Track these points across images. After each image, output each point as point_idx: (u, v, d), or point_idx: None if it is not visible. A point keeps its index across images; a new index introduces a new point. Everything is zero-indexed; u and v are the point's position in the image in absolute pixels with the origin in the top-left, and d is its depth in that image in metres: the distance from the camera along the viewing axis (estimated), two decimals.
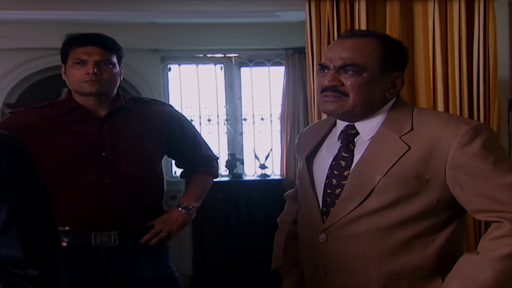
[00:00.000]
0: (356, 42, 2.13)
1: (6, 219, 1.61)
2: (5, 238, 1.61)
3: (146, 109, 3.10)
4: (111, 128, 2.95)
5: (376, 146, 2.12)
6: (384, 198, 2.06)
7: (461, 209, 2.11)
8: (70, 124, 2.94)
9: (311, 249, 2.23)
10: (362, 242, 2.10)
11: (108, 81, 2.93)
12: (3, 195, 1.62)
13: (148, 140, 2.99)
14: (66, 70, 2.99)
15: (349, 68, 2.09)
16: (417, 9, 3.55)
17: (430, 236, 2.08)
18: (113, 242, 2.93)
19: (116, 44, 3.02)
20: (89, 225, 2.91)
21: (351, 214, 2.10)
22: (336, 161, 2.18)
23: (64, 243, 2.88)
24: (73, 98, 2.97)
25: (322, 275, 2.18)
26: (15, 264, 1.61)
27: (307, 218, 2.27)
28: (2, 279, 1.59)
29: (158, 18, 6.46)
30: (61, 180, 2.89)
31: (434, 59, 3.57)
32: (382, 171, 2.06)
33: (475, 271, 1.96)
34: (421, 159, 2.03)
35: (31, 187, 1.70)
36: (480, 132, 2.01)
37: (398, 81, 2.16)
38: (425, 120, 2.10)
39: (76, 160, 2.90)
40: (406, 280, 2.08)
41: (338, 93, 2.10)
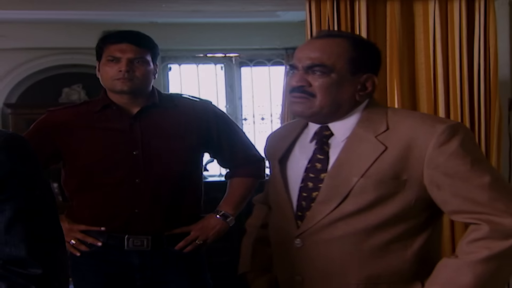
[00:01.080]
0: (326, 43, 2.08)
1: (10, 218, 1.62)
2: (8, 237, 1.62)
3: (182, 106, 3.02)
4: (143, 126, 2.90)
5: (352, 146, 2.06)
6: (362, 200, 2.00)
7: (438, 212, 2.07)
8: (103, 121, 2.91)
9: (286, 255, 2.15)
10: (340, 246, 2.03)
11: (141, 79, 2.88)
12: (7, 195, 1.63)
13: (182, 139, 2.91)
14: (100, 67, 2.95)
15: (317, 68, 2.04)
16: (417, 8, 3.54)
17: (408, 239, 2.02)
18: (145, 247, 2.87)
19: (151, 42, 2.98)
20: (121, 225, 2.87)
21: (328, 218, 2.03)
22: (312, 164, 2.12)
23: (99, 242, 2.87)
24: (107, 96, 2.94)
25: (299, 281, 2.11)
26: (18, 263, 1.62)
27: (281, 223, 2.19)
28: (6, 278, 1.61)
29: (159, 18, 6.45)
30: (94, 178, 2.88)
31: (434, 58, 3.57)
32: (359, 172, 2.00)
33: (455, 275, 1.92)
34: (398, 159, 1.98)
35: (35, 186, 1.70)
36: (457, 131, 1.97)
37: (369, 84, 2.09)
38: (401, 120, 2.05)
39: (107, 158, 2.87)
40: (385, 284, 2.02)
41: (305, 93, 2.05)
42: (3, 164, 1.63)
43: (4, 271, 1.62)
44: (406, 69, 3.52)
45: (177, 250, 2.93)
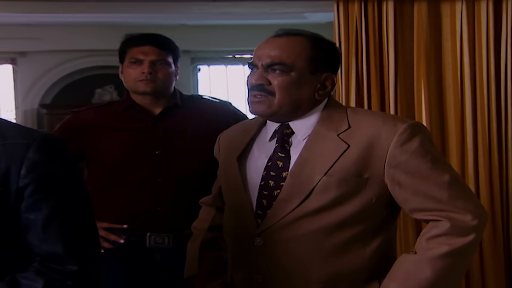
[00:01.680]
0: (286, 41, 2.01)
1: (47, 216, 1.63)
2: (46, 235, 1.63)
3: (203, 107, 3.04)
4: (165, 126, 2.91)
5: (314, 145, 2.00)
6: (324, 198, 1.94)
7: (396, 211, 2.04)
8: (126, 121, 2.93)
9: (245, 254, 2.08)
10: (302, 245, 1.97)
11: (163, 81, 2.90)
12: (44, 193, 1.63)
13: (203, 139, 2.85)
14: (123, 69, 2.97)
15: (277, 67, 1.98)
16: (444, 9, 3.50)
17: (368, 238, 1.98)
18: (167, 244, 2.89)
19: (172, 44, 2.99)
20: (144, 223, 2.88)
21: (289, 216, 1.97)
22: (272, 162, 2.05)
23: (121, 240, 2.88)
24: (130, 97, 2.96)
25: (259, 281, 2.04)
26: (55, 259, 1.64)
27: (239, 222, 2.11)
28: (43, 274, 1.62)
29: (189, 20, 6.48)
30: (118, 177, 2.89)
31: (461, 59, 3.52)
32: (322, 170, 1.95)
33: (415, 270, 1.90)
34: (361, 157, 1.93)
35: (71, 185, 1.71)
36: (418, 130, 1.94)
37: (329, 82, 2.04)
38: (362, 118, 2.00)
39: (130, 157, 2.88)
40: (345, 282, 1.98)
41: (264, 92, 1.99)
42: (40, 164, 1.64)
43: (42, 267, 1.64)
44: (433, 69, 3.48)
45: None
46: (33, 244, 1.65)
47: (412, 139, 1.92)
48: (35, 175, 1.63)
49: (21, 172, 1.62)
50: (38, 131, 1.75)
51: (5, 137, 1.66)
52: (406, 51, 3.43)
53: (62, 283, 1.63)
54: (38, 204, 1.63)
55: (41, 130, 1.80)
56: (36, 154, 1.64)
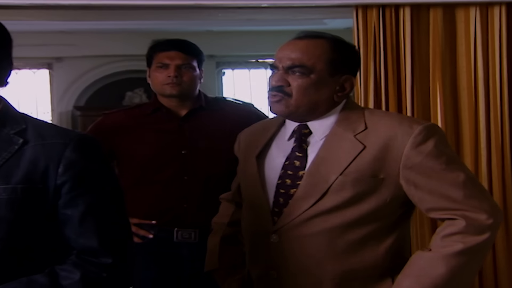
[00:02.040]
0: (306, 44, 1.98)
1: (83, 212, 1.65)
2: (82, 229, 1.65)
3: (227, 109, 3.05)
4: (191, 127, 2.93)
5: (331, 145, 1.97)
6: (340, 197, 1.92)
7: (409, 211, 2.02)
8: (154, 123, 2.94)
9: (261, 251, 2.05)
10: (316, 242, 1.94)
11: (188, 84, 2.92)
12: (80, 190, 1.65)
13: (227, 139, 2.81)
14: (150, 73, 2.99)
15: (297, 69, 1.95)
16: (459, 15, 3.47)
17: (382, 236, 1.96)
18: (193, 239, 2.89)
19: (197, 49, 3.01)
20: (171, 219, 2.89)
21: (305, 214, 1.94)
22: (290, 161, 2.02)
23: (150, 235, 2.89)
24: (157, 100, 2.98)
25: (274, 277, 2.01)
26: (91, 252, 1.65)
27: (256, 219, 2.08)
28: (80, 266, 1.64)
29: (214, 27, 6.49)
30: (146, 175, 2.90)
31: (475, 62, 3.49)
32: (338, 170, 1.92)
33: (429, 267, 1.86)
34: (376, 158, 1.91)
35: (106, 183, 1.72)
36: (433, 132, 1.92)
37: (347, 84, 2.01)
38: (379, 119, 1.98)
39: (158, 157, 2.89)
40: (359, 280, 1.95)
41: (281, 93, 1.97)
42: (77, 163, 1.65)
43: (79, 260, 1.65)
44: (448, 72, 3.45)
45: None
46: (70, 238, 1.66)
47: (427, 140, 1.89)
48: (72, 173, 1.64)
49: (59, 170, 1.64)
50: (75, 132, 1.77)
51: (44, 137, 1.68)
52: (422, 55, 3.41)
53: (98, 275, 1.64)
54: (75, 200, 1.65)
55: (77, 131, 1.81)
56: (73, 153, 1.65)
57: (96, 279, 1.64)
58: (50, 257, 1.67)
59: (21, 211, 1.62)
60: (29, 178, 1.63)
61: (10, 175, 1.63)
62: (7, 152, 1.65)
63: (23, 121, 1.72)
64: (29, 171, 1.63)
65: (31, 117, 1.78)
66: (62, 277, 1.62)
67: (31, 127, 1.70)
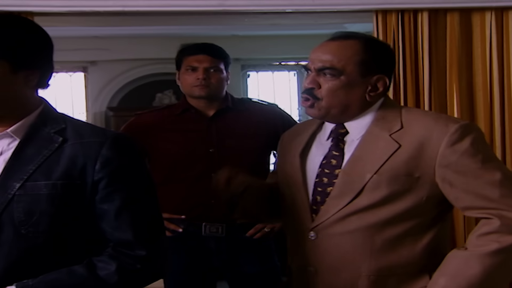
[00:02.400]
0: (338, 45, 1.90)
1: (119, 207, 1.66)
2: (117, 223, 1.66)
3: (252, 109, 3.04)
4: (218, 126, 2.92)
5: (366, 144, 1.90)
6: (375, 195, 1.85)
7: (447, 209, 1.93)
8: (183, 123, 2.95)
9: (300, 247, 1.99)
10: (353, 240, 1.88)
11: (216, 85, 2.92)
12: (116, 186, 1.66)
13: (252, 138, 2.91)
14: (180, 75, 2.99)
15: (327, 71, 1.88)
16: (475, 19, 3.44)
17: (418, 234, 1.88)
18: (220, 233, 2.89)
19: (223, 53, 3.00)
20: (199, 214, 2.89)
21: (341, 212, 1.88)
22: (327, 160, 1.95)
23: (180, 229, 2.89)
24: (187, 101, 2.98)
25: (312, 272, 1.94)
26: (126, 245, 1.66)
27: (296, 216, 2.01)
28: (116, 258, 1.65)
29: (240, 31, 6.49)
30: (176, 173, 2.90)
31: (491, 64, 3.46)
32: (373, 169, 1.85)
33: (464, 266, 1.79)
34: (412, 157, 1.83)
35: (140, 179, 1.73)
36: (469, 131, 1.83)
37: (380, 84, 1.92)
38: (415, 118, 1.90)
39: (187, 155, 2.89)
40: (395, 276, 1.88)
41: (311, 97, 1.91)
42: (113, 160, 1.66)
43: (115, 252, 1.66)
44: (464, 74, 3.42)
45: (248, 237, 2.93)
46: (106, 231, 1.67)
47: (463, 139, 1.81)
48: (108, 170, 1.65)
49: (96, 167, 1.65)
50: (110, 131, 1.78)
51: (82, 136, 1.69)
52: (439, 57, 3.38)
53: (133, 266, 1.65)
54: (111, 195, 1.65)
55: (112, 130, 1.83)
56: (109, 151, 1.66)
57: (131, 270, 1.65)
58: (87, 249, 1.68)
59: (61, 205, 1.63)
60: (68, 175, 1.64)
61: (50, 172, 1.64)
62: (47, 150, 1.66)
63: (63, 121, 1.73)
64: (68, 168, 1.65)
65: (70, 117, 1.79)
66: (99, 268, 1.63)
67: (70, 126, 1.72)
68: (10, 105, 1.68)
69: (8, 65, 1.64)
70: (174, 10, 3.30)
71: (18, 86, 1.68)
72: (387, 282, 1.89)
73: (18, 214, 1.61)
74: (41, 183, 1.63)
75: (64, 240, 1.65)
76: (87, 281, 1.62)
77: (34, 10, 3.06)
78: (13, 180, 1.63)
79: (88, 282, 1.62)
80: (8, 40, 1.64)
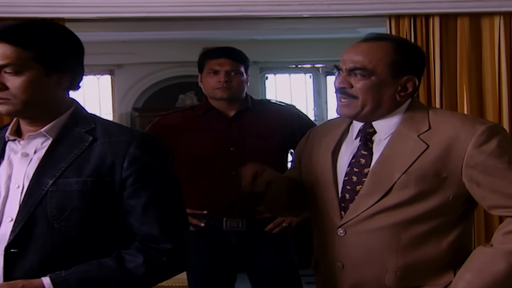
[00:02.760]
0: (369, 46, 1.88)
1: (145, 203, 1.66)
2: (144, 218, 1.67)
3: (271, 110, 3.04)
4: (239, 126, 2.92)
5: (395, 144, 1.88)
6: (403, 194, 1.82)
7: (472, 207, 1.91)
8: (205, 123, 2.95)
9: (328, 243, 1.96)
10: (380, 237, 1.85)
11: (237, 88, 2.92)
12: (143, 183, 1.67)
13: (271, 137, 2.91)
14: (202, 78, 2.99)
15: (358, 71, 1.86)
16: (484, 23, 3.41)
17: (444, 231, 1.85)
18: (241, 228, 2.89)
19: (244, 56, 3.00)
20: (221, 210, 2.89)
21: (370, 210, 1.86)
22: (356, 159, 1.93)
23: (202, 223, 2.89)
24: (209, 102, 2.98)
25: (340, 268, 1.92)
26: (152, 239, 1.67)
27: (325, 213, 1.98)
28: (143, 251, 1.66)
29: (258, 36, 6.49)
30: (199, 170, 2.90)
31: (499, 66, 3.43)
32: (402, 168, 1.83)
33: (490, 262, 1.77)
34: (440, 157, 1.80)
35: (166, 176, 1.74)
36: (496, 132, 1.80)
37: (410, 85, 1.90)
38: (442, 119, 1.87)
39: (209, 153, 2.89)
40: (421, 272, 1.87)
41: (347, 95, 1.89)
42: (140, 158, 1.67)
43: (142, 246, 1.67)
44: (474, 76, 3.39)
45: (267, 231, 2.92)
46: (134, 226, 1.68)
47: (490, 140, 1.79)
48: (136, 168, 1.66)
49: (124, 165, 1.66)
50: (138, 130, 1.80)
51: (111, 135, 1.70)
52: (450, 60, 3.36)
53: (159, 259, 1.66)
54: (138, 192, 1.66)
55: (140, 130, 1.84)
56: (136, 150, 1.67)
57: (157, 263, 1.66)
58: (116, 242, 1.69)
59: (91, 201, 1.64)
60: (98, 172, 1.65)
61: (81, 169, 1.65)
62: (78, 148, 1.68)
63: (93, 121, 1.75)
64: (98, 165, 1.66)
65: (99, 117, 1.80)
66: (127, 261, 1.64)
67: (100, 126, 1.73)
68: (44, 106, 1.69)
69: (42, 69, 1.65)
70: (196, 16, 3.30)
71: (51, 88, 1.70)
72: (413, 277, 1.87)
73: (51, 209, 1.63)
74: (72, 180, 1.65)
75: (94, 233, 1.66)
76: (116, 272, 1.63)
77: (65, 17, 3.08)
78: (46, 177, 1.65)
79: (116, 274, 1.63)
80: (43, 45, 1.65)
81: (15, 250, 1.62)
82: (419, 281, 1.88)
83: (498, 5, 3.33)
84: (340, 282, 1.94)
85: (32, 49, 1.63)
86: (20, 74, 1.63)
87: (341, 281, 1.94)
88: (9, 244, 1.63)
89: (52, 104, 1.71)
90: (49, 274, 1.60)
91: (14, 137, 1.74)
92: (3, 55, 1.61)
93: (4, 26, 1.64)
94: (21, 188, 1.66)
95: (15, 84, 1.63)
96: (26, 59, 1.62)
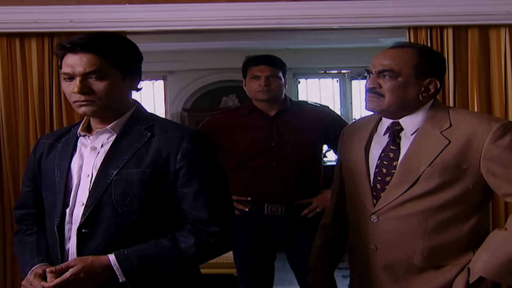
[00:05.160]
0: (396, 52, 1.90)
1: (196, 190, 1.67)
2: (195, 204, 1.68)
3: (306, 110, 3.04)
4: (278, 124, 2.93)
5: (421, 140, 1.88)
6: (428, 185, 1.83)
7: (489, 195, 1.90)
8: (249, 121, 2.96)
9: (363, 228, 1.97)
10: (409, 222, 1.86)
11: (276, 90, 2.93)
12: (194, 173, 1.67)
13: (307, 134, 2.91)
14: (246, 83, 3.01)
15: (386, 73, 1.87)
16: (492, 34, 3.33)
17: (465, 217, 1.85)
18: (280, 212, 2.89)
19: (281, 63, 3.01)
20: (263, 197, 2.90)
21: (399, 199, 1.86)
22: (385, 153, 1.93)
23: (246, 208, 2.90)
24: (252, 103, 3.00)
25: (374, 249, 1.93)
26: (202, 222, 1.68)
27: (360, 202, 1.98)
28: (194, 233, 1.67)
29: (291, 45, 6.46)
30: (243, 162, 2.92)
31: (505, 72, 3.35)
32: (427, 161, 1.83)
33: (504, 244, 1.77)
34: (460, 151, 1.81)
35: (214, 167, 1.74)
36: (509, 128, 1.80)
37: (432, 86, 1.90)
38: (462, 118, 1.87)
39: (253, 148, 2.91)
40: (445, 252, 1.86)
41: (376, 94, 1.90)
42: (192, 151, 1.67)
43: (193, 228, 1.68)
44: (483, 80, 3.32)
45: (303, 216, 2.92)
46: (186, 210, 1.69)
47: (504, 136, 1.79)
48: (188, 160, 1.67)
49: (177, 157, 1.67)
50: (190, 127, 1.80)
51: (166, 131, 1.71)
52: (462, 67, 3.29)
53: (208, 240, 1.67)
54: (189, 181, 1.67)
55: (191, 127, 1.85)
56: (188, 144, 1.68)
57: (207, 243, 1.67)
58: (170, 225, 1.70)
59: (149, 189, 1.66)
60: (155, 164, 1.66)
61: (140, 161, 1.67)
62: (138, 143, 1.69)
63: (151, 119, 1.76)
64: (155, 158, 1.67)
65: (157, 116, 1.82)
66: (180, 241, 1.65)
67: (157, 123, 1.74)
68: (117, 106, 1.71)
69: (119, 73, 1.68)
70: (239, 28, 3.29)
71: (126, 90, 1.73)
72: (437, 258, 1.87)
73: (115, 195, 1.65)
74: (133, 170, 1.66)
75: (152, 217, 1.67)
76: (170, 251, 1.64)
77: (127, 30, 3.11)
78: (111, 168, 1.67)
79: (171, 252, 1.64)
80: (118, 53, 1.68)
81: (85, 231, 1.65)
82: (443, 261, 1.87)
83: (504, 18, 3.26)
84: (374, 262, 1.95)
85: (110, 56, 1.65)
86: (104, 79, 1.65)
87: (374, 262, 1.94)
88: (81, 225, 1.66)
89: (121, 104, 1.73)
90: (114, 251, 1.62)
91: (84, 133, 1.77)
92: (89, 63, 1.63)
93: (83, 39, 1.66)
94: (90, 177, 1.69)
95: (100, 87, 1.65)
96: (107, 65, 1.65)
